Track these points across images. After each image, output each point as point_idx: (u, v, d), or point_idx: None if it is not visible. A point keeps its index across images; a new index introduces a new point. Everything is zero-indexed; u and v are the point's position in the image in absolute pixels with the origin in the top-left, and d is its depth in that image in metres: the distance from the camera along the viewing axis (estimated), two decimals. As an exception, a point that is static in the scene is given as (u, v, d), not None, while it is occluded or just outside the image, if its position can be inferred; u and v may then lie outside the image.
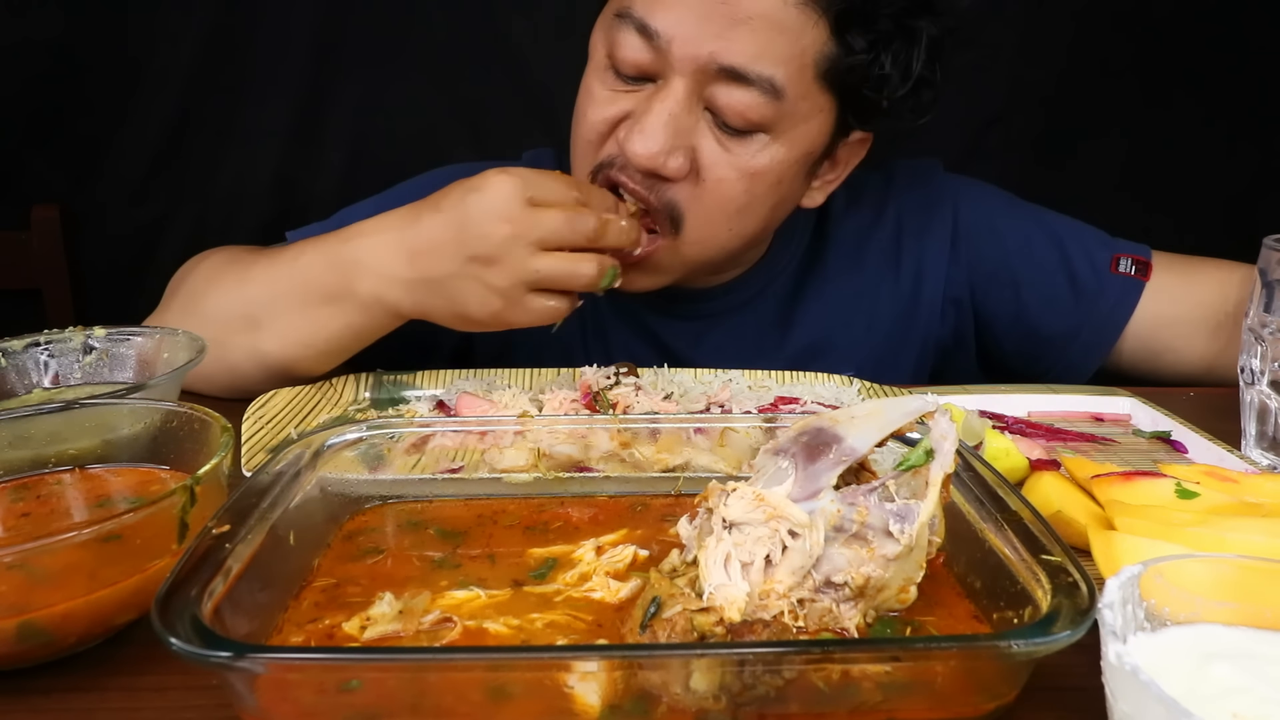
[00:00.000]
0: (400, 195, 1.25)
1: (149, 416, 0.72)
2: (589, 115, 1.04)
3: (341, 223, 1.19)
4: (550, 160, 1.28)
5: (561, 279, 0.93)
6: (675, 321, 1.22)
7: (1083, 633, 0.48)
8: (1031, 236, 1.23)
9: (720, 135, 1.00)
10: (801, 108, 1.00)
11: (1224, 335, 1.15)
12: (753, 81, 0.96)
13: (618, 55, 1.00)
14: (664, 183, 1.01)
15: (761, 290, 1.22)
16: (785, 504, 0.57)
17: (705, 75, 0.97)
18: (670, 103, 0.97)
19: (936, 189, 1.26)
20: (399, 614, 0.58)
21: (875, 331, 1.23)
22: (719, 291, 1.21)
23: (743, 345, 1.22)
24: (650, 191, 1.01)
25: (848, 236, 1.24)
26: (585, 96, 1.06)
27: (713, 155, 1.00)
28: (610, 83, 1.03)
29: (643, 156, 0.98)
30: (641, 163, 0.98)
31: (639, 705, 0.48)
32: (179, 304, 1.08)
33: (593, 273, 0.94)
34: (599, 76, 1.04)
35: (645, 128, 0.98)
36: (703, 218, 1.03)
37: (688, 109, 0.98)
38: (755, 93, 0.96)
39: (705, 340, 1.22)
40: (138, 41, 1.59)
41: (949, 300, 1.24)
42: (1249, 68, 1.68)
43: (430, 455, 0.77)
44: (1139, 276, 1.20)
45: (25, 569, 0.54)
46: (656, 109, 0.98)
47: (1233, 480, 0.73)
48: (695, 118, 0.99)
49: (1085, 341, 1.21)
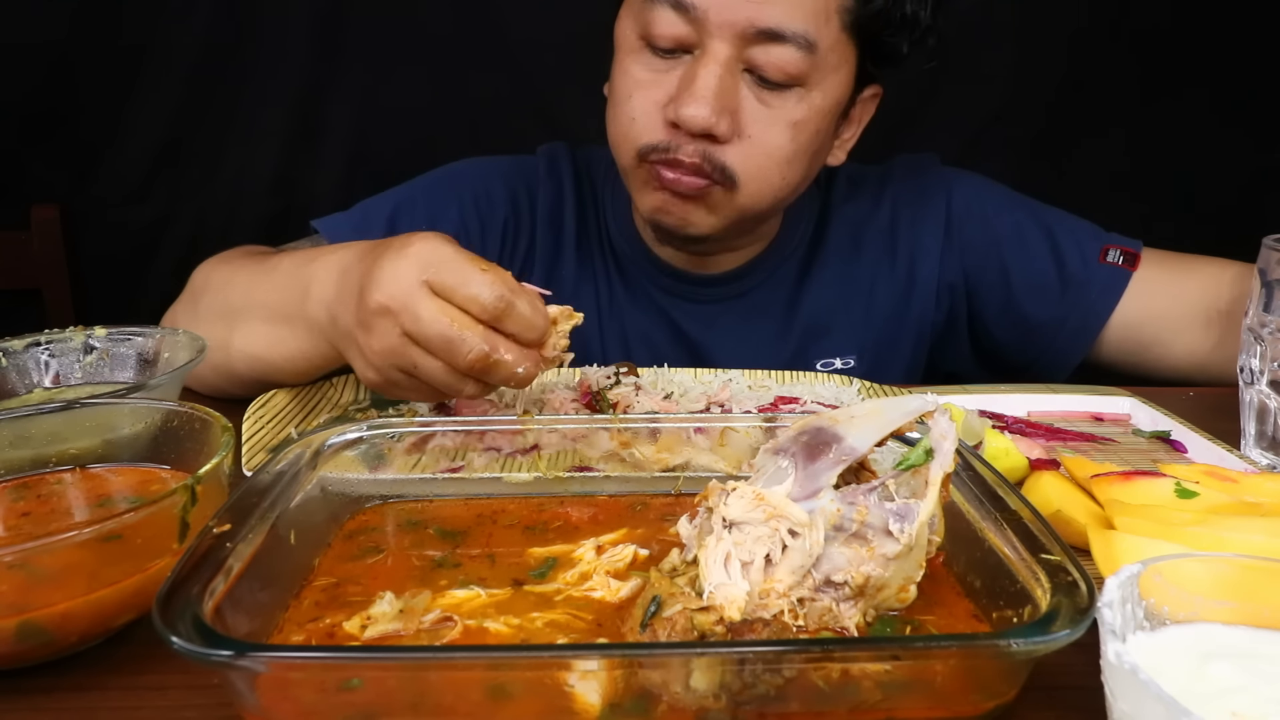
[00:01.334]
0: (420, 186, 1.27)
1: (150, 416, 0.73)
2: (634, 98, 1.07)
3: (365, 212, 1.23)
4: (565, 153, 1.30)
5: (438, 385, 0.80)
6: (689, 304, 1.25)
7: (1082, 632, 0.48)
8: (1022, 224, 1.26)
9: (760, 93, 1.04)
10: (830, 58, 1.05)
11: (1216, 332, 1.15)
12: (788, 39, 1.01)
13: (654, 33, 1.03)
14: (715, 146, 1.04)
15: (770, 274, 1.25)
16: (785, 503, 0.57)
17: (744, 39, 1.01)
18: (714, 67, 1.01)
19: (931, 179, 1.29)
20: (399, 613, 0.58)
21: (874, 316, 1.26)
22: (731, 276, 1.24)
23: (752, 328, 1.25)
24: (704, 159, 1.04)
25: (846, 225, 1.28)
26: (625, 79, 1.08)
27: (755, 113, 1.04)
28: (648, 62, 1.06)
29: (699, 119, 1.00)
30: (698, 125, 1.01)
31: (639, 704, 0.49)
32: (185, 301, 1.10)
33: (473, 392, 0.81)
34: (635, 59, 1.07)
35: (696, 93, 1.01)
36: (755, 171, 1.06)
37: (730, 71, 1.02)
38: (792, 48, 1.01)
39: (718, 322, 1.25)
40: (137, 42, 1.59)
41: (943, 285, 1.27)
42: (1249, 67, 1.69)
43: (430, 455, 0.78)
44: (1126, 267, 1.21)
45: (26, 568, 0.54)
46: (703, 75, 1.01)
47: (1232, 480, 0.73)
48: (737, 79, 1.03)
49: (1072, 329, 1.23)
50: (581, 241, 1.27)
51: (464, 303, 0.76)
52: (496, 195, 1.26)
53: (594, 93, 1.15)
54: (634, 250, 1.25)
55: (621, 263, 1.26)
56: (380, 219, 1.21)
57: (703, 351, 1.24)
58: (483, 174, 1.28)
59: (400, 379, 0.82)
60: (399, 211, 1.22)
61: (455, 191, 1.25)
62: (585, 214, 1.29)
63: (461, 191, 1.25)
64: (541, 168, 1.29)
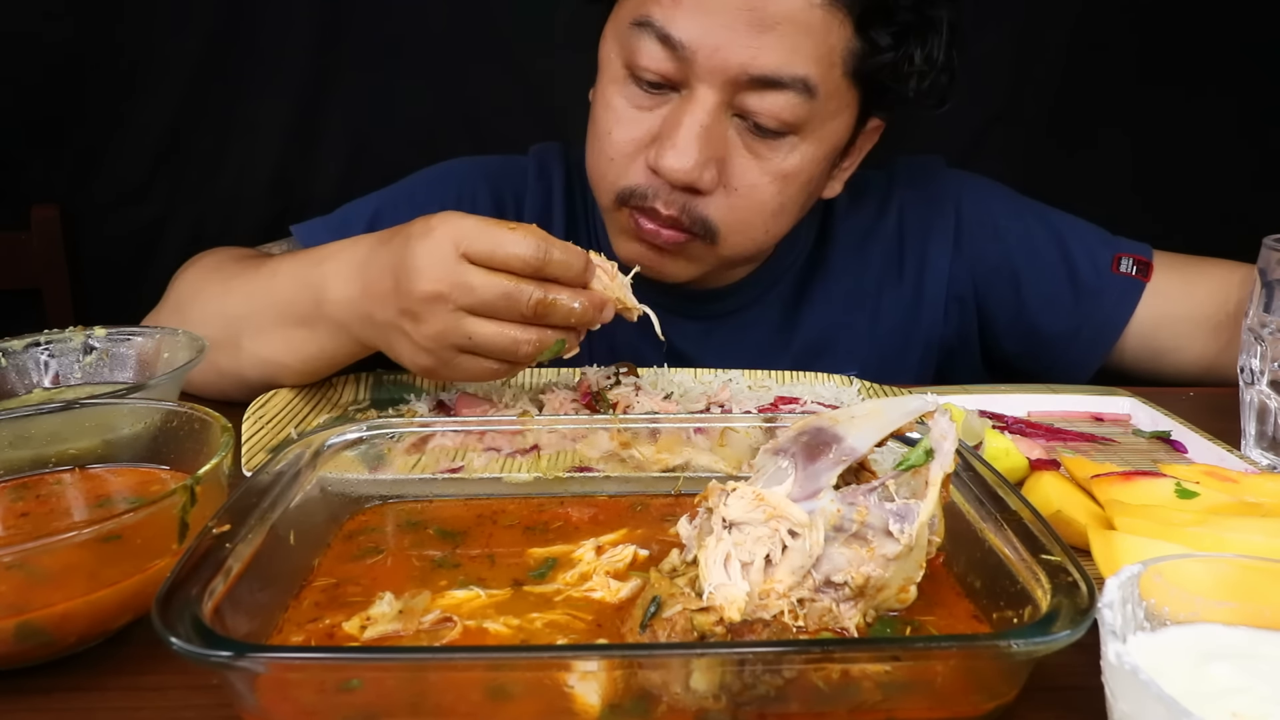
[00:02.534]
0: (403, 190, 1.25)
1: (149, 416, 0.72)
2: (614, 135, 1.01)
3: (345, 218, 1.21)
4: (558, 155, 1.27)
5: (496, 352, 0.83)
6: (681, 321, 1.20)
7: (1082, 632, 0.48)
8: (1033, 233, 1.23)
9: (750, 141, 0.98)
10: (830, 105, 0.99)
11: (1224, 335, 1.15)
12: (787, 84, 0.95)
13: (638, 65, 0.97)
14: (696, 197, 0.99)
15: (767, 289, 1.22)
16: (785, 504, 0.57)
17: (735, 85, 0.95)
18: (700, 114, 0.95)
19: (939, 186, 1.25)
20: (399, 614, 0.58)
21: (879, 330, 1.23)
22: (725, 292, 1.20)
23: (748, 345, 1.21)
24: (682, 212, 0.99)
25: (851, 235, 1.24)
26: (606, 111, 1.02)
27: (743, 164, 0.99)
28: (631, 95, 1.00)
29: (679, 173, 0.95)
30: (679, 179, 0.96)
31: (639, 705, 0.49)
32: (169, 309, 1.08)
33: (530, 351, 0.83)
34: (618, 88, 1.01)
35: (678, 143, 0.95)
36: (738, 225, 1.02)
37: (717, 119, 0.96)
38: (790, 94, 0.95)
39: (711, 339, 1.21)
40: (137, 42, 1.59)
41: (952, 298, 1.24)
42: (1249, 67, 1.68)
43: (430, 455, 0.77)
44: (1140, 277, 1.19)
45: (25, 569, 0.54)
46: (687, 123, 0.95)
47: (1232, 480, 0.73)
48: (724, 126, 0.97)
49: (1086, 341, 1.21)
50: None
51: (505, 262, 0.80)
52: (481, 198, 1.23)
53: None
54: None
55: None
56: (361, 223, 1.18)
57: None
58: (468, 175, 1.25)
59: (455, 357, 0.83)
60: (380, 215, 1.19)
61: (438, 194, 1.23)
62: (575, 222, 1.25)
63: (445, 194, 1.23)
64: (531, 170, 1.25)
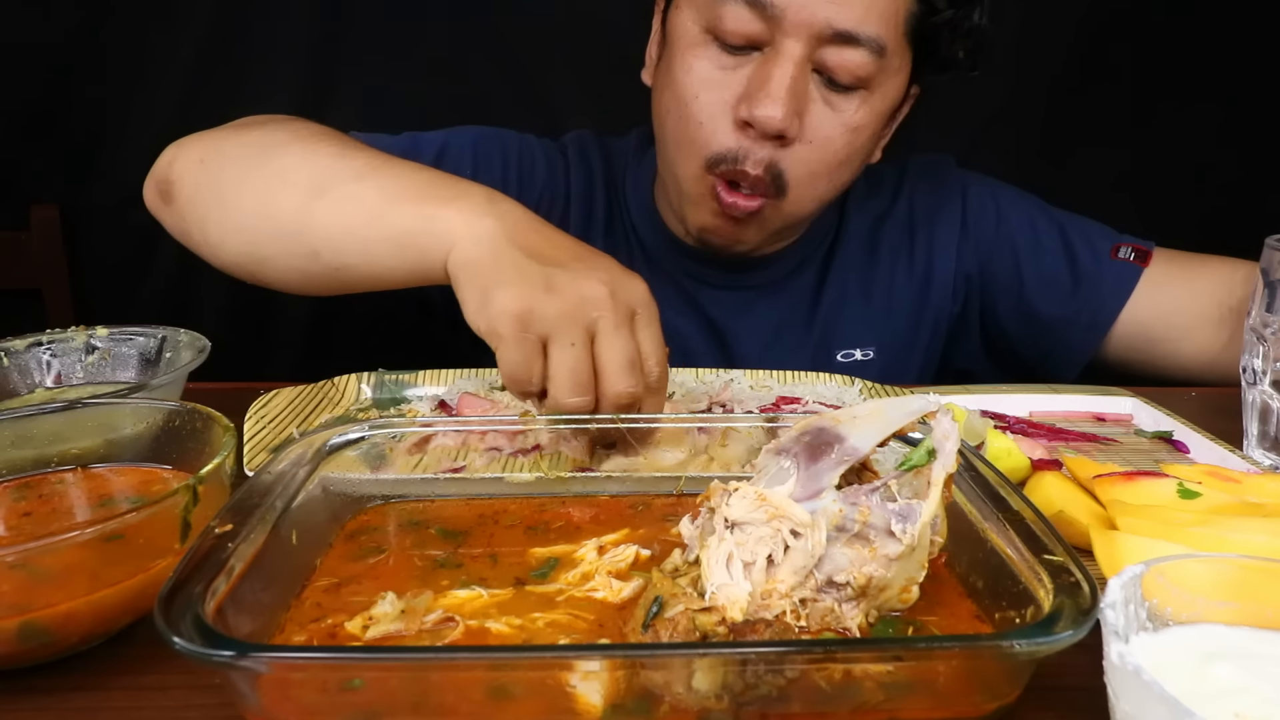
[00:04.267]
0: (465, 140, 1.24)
1: (151, 416, 0.72)
2: (702, 98, 1.04)
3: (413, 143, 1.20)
4: (591, 141, 1.30)
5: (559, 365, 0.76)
6: (720, 292, 1.24)
7: (1085, 632, 0.48)
8: (1035, 220, 1.28)
9: (827, 94, 1.03)
10: (894, 63, 1.05)
11: (1226, 330, 1.16)
12: (863, 42, 1.00)
13: (724, 28, 1.01)
14: (779, 150, 1.03)
15: (800, 265, 1.26)
16: (787, 504, 0.57)
17: (819, 39, 1.00)
18: (789, 67, 1.00)
19: (947, 177, 1.31)
20: (401, 613, 0.58)
21: (893, 309, 1.27)
22: (763, 263, 1.23)
23: (777, 317, 1.25)
24: (766, 172, 1.04)
25: (865, 219, 1.29)
26: (690, 77, 1.05)
27: (820, 115, 1.04)
28: (715, 57, 1.04)
29: (776, 120, 0.99)
30: (775, 126, 1.00)
31: (641, 705, 0.48)
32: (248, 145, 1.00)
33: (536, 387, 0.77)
34: (699, 53, 1.05)
35: (772, 93, 0.99)
36: (807, 176, 1.06)
37: (803, 71, 1.01)
38: (864, 52, 1.00)
39: (748, 311, 1.25)
40: (137, 42, 1.59)
41: (960, 275, 1.28)
42: (1249, 67, 1.69)
43: (432, 455, 0.78)
44: (1138, 263, 1.22)
45: (27, 568, 0.54)
46: (778, 74, 1.00)
47: (1235, 480, 0.73)
48: (807, 80, 1.02)
49: (1083, 325, 1.24)
50: (609, 226, 1.27)
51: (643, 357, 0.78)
52: (538, 167, 1.26)
53: (592, 89, 1.14)
54: (658, 239, 1.24)
55: (647, 250, 1.26)
56: (429, 154, 1.19)
57: (730, 340, 1.24)
58: (525, 145, 1.28)
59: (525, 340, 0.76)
60: (446, 151, 1.21)
61: (501, 151, 1.25)
62: (613, 200, 1.29)
63: (507, 153, 1.25)
64: (572, 152, 1.29)
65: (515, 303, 0.76)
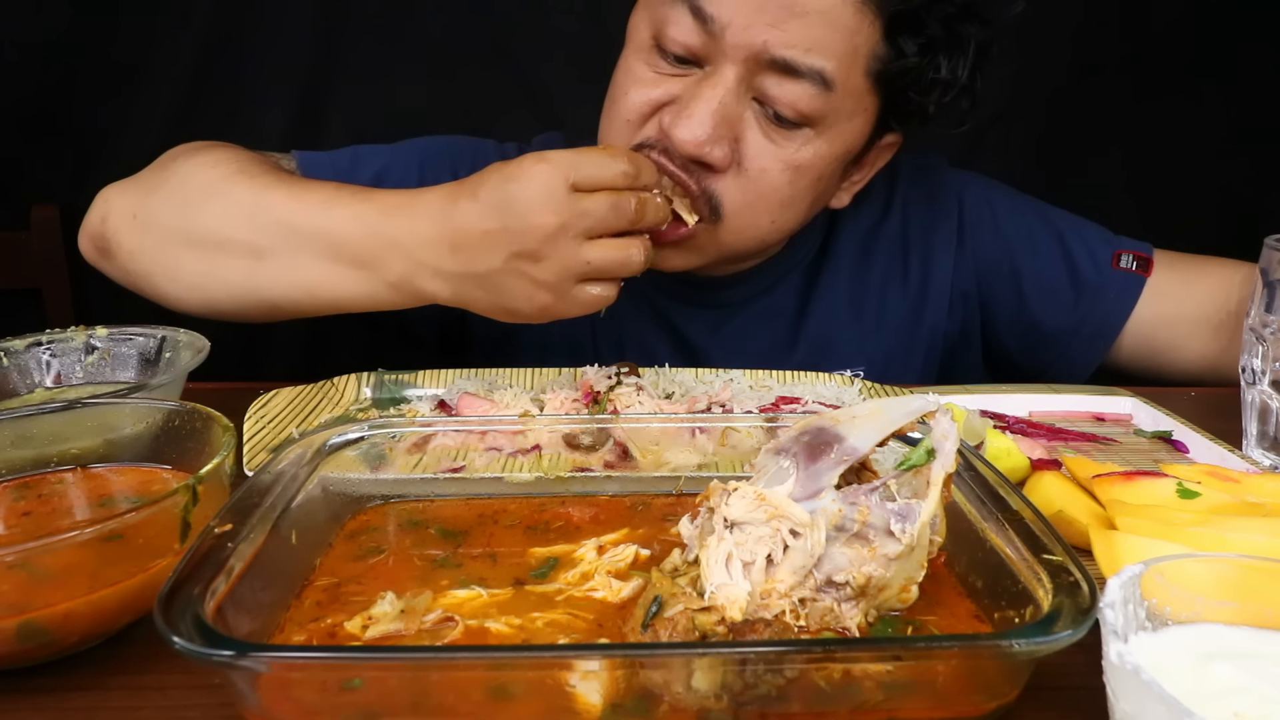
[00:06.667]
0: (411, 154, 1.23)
1: (151, 416, 0.73)
2: (630, 94, 1.02)
3: (355, 160, 1.19)
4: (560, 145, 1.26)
5: (613, 268, 0.89)
6: (692, 310, 1.21)
7: (1084, 632, 0.48)
8: (1034, 230, 1.24)
9: (767, 127, 0.99)
10: (848, 104, 1.00)
11: (1226, 334, 1.15)
12: (803, 74, 0.95)
13: (666, 35, 0.98)
14: (706, 171, 1.00)
15: (777, 281, 1.22)
16: (787, 503, 0.57)
17: (757, 65, 0.96)
18: (720, 90, 0.96)
19: (941, 184, 1.26)
20: (401, 613, 0.58)
21: (885, 326, 1.24)
22: (736, 280, 1.20)
23: (757, 336, 1.22)
24: (691, 177, 1.00)
25: (856, 232, 1.25)
26: (626, 75, 1.03)
27: (758, 146, 0.99)
28: (655, 64, 1.01)
29: (689, 143, 0.96)
30: (688, 150, 0.97)
31: (641, 704, 0.49)
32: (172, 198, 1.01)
33: (641, 258, 0.90)
34: (642, 57, 1.02)
35: (693, 114, 0.96)
36: (745, 209, 1.02)
37: (736, 98, 0.97)
38: (806, 84, 0.96)
39: (722, 329, 1.21)
40: (137, 42, 1.59)
41: (957, 293, 1.24)
42: (1249, 67, 1.68)
43: (432, 455, 0.77)
44: (1140, 273, 1.20)
45: (27, 568, 0.54)
46: (706, 95, 0.96)
47: (1234, 480, 0.73)
48: (743, 107, 0.98)
49: (1086, 337, 1.21)
50: None
51: (611, 181, 0.88)
52: None
53: (593, 91, 1.14)
54: None
55: None
56: (369, 171, 1.18)
57: (704, 360, 1.20)
58: (480, 152, 1.24)
59: (573, 288, 0.89)
60: (388, 172, 1.19)
61: (451, 162, 1.22)
62: None
63: (458, 163, 1.21)
64: None
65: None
